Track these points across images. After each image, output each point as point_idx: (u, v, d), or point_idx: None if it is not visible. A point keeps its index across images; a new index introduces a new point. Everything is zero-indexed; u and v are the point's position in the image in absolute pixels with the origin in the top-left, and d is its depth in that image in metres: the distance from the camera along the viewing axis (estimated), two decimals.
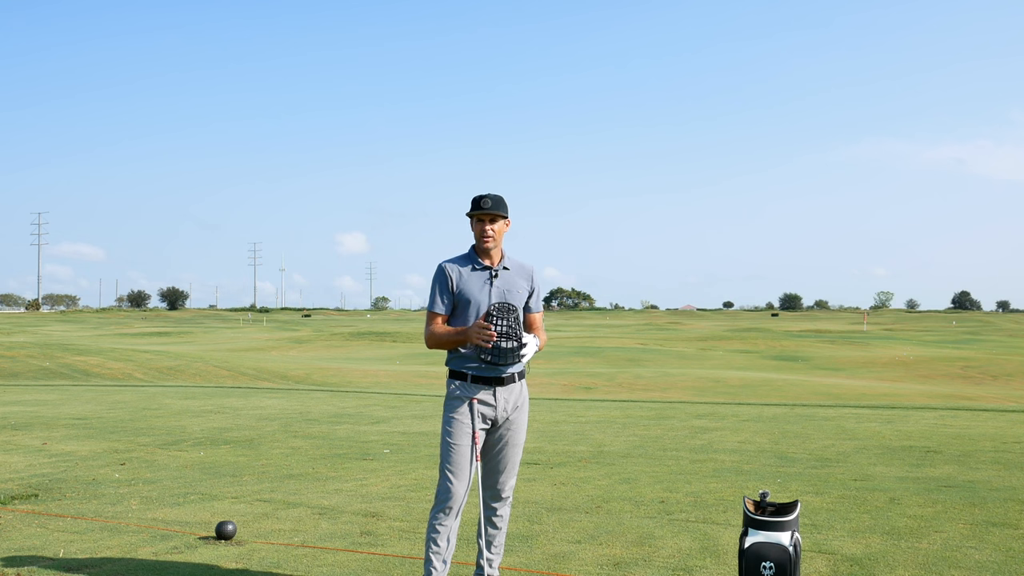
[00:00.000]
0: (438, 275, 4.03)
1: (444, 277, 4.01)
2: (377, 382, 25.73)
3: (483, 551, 4.06)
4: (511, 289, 4.04)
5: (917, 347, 51.03)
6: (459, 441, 3.90)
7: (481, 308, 3.98)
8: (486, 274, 4.01)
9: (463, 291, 3.98)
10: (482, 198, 3.99)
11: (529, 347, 3.92)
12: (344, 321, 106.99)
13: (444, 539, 3.91)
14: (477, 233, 4.02)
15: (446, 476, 3.91)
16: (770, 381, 27.23)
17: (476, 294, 3.98)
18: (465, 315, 3.99)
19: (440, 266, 4.05)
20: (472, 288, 3.98)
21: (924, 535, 5.07)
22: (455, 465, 3.90)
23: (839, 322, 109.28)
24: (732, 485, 6.66)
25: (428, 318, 4.06)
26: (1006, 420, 11.21)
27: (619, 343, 51.42)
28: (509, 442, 4.03)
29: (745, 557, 3.83)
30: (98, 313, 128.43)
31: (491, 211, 3.96)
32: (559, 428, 10.56)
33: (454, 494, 3.89)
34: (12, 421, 11.22)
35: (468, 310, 3.99)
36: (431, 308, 4.05)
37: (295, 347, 50.60)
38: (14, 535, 5.16)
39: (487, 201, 3.97)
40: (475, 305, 3.98)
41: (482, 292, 3.98)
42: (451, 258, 4.08)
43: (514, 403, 4.02)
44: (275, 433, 10.04)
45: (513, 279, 4.07)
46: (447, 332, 3.97)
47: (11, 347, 31.48)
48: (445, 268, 4.03)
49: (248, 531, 5.24)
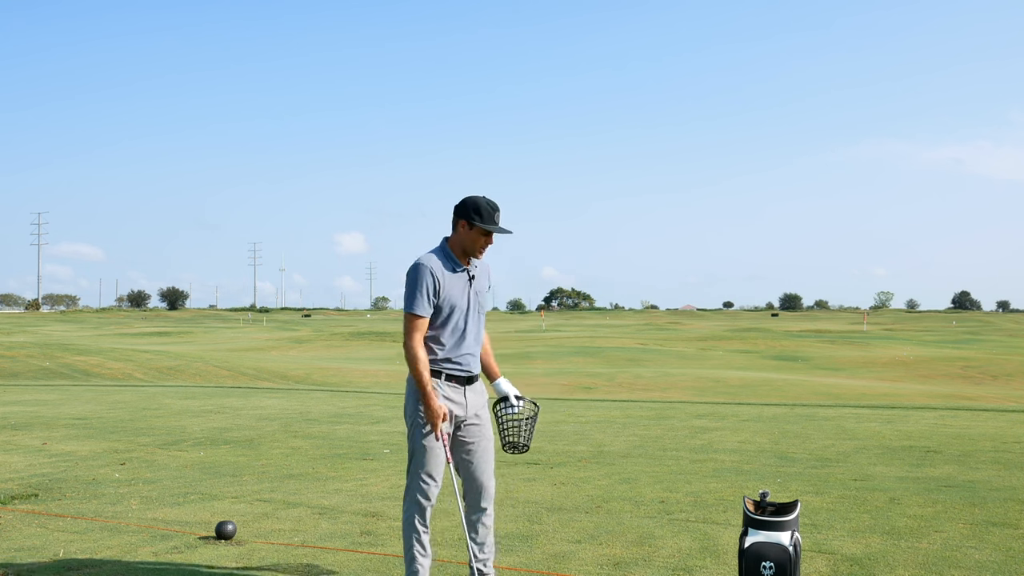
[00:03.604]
0: (422, 274, 3.79)
1: (431, 278, 3.80)
2: (377, 382, 25.72)
3: (476, 555, 4.00)
4: (481, 291, 4.00)
5: (917, 347, 51.01)
6: (435, 441, 3.85)
7: (459, 313, 3.89)
8: (465, 276, 3.92)
9: (447, 295, 3.85)
10: (495, 212, 3.86)
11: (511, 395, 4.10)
12: (344, 321, 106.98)
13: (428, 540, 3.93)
14: (473, 243, 3.89)
15: (422, 479, 3.85)
16: (770, 381, 27.23)
17: (458, 299, 3.88)
18: (446, 320, 3.88)
19: (423, 264, 3.81)
20: (455, 292, 3.87)
21: (924, 535, 5.07)
22: (432, 467, 3.86)
23: (839, 322, 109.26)
24: (732, 485, 6.65)
25: (411, 322, 3.81)
26: (1006, 420, 11.21)
27: (619, 343, 51.40)
28: (483, 437, 4.01)
29: (745, 557, 3.83)
30: (98, 313, 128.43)
31: (502, 232, 3.89)
32: (559, 428, 10.56)
33: (433, 496, 3.88)
34: (12, 421, 11.22)
35: (451, 315, 3.88)
36: (414, 310, 3.80)
37: (295, 347, 50.59)
38: (14, 535, 5.16)
39: (504, 230, 3.88)
40: (458, 311, 3.89)
41: (463, 297, 3.91)
42: (429, 253, 3.88)
43: (481, 402, 4.04)
44: (275, 433, 10.04)
45: (481, 280, 4.03)
46: (424, 373, 3.80)
47: (11, 347, 31.48)
48: (431, 268, 3.81)
49: (248, 531, 5.24)
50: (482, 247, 3.93)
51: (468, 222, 3.87)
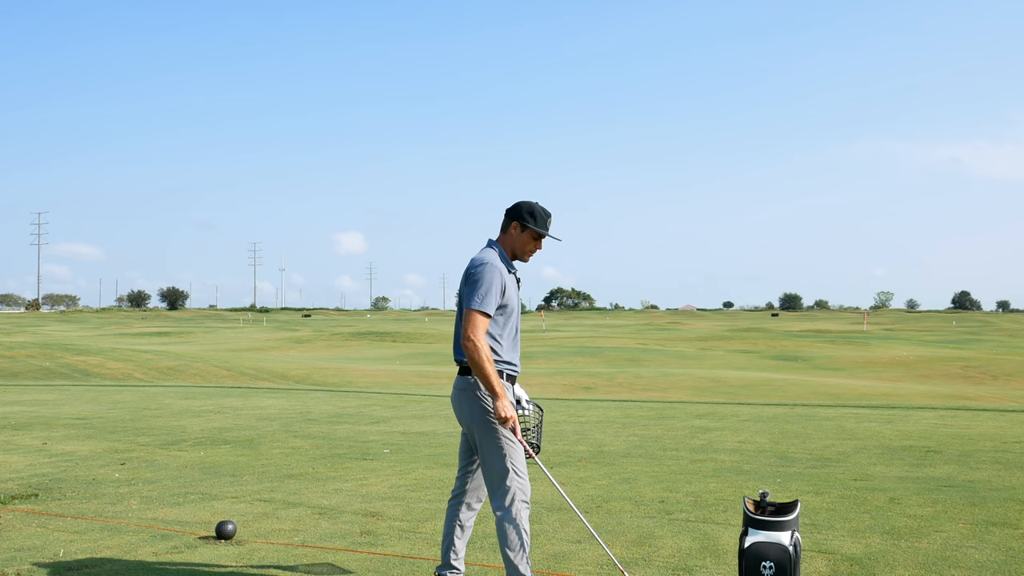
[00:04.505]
0: (495, 274, 3.78)
1: (500, 279, 3.80)
2: (377, 382, 25.72)
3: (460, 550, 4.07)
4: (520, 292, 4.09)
5: (917, 347, 51.00)
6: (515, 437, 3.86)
7: (516, 315, 3.93)
8: (514, 278, 3.96)
9: (508, 297, 3.87)
10: (549, 217, 3.92)
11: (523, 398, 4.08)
12: (344, 321, 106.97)
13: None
14: (524, 246, 3.94)
15: (520, 477, 3.84)
16: (770, 381, 27.23)
17: (514, 300, 3.92)
18: (506, 321, 3.89)
19: (493, 264, 3.81)
20: (512, 293, 3.90)
21: (924, 535, 5.07)
22: (523, 464, 3.87)
23: (839, 322, 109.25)
24: (732, 485, 6.66)
25: (480, 320, 3.73)
26: (1006, 420, 11.21)
27: (619, 343, 51.39)
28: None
29: (745, 557, 3.83)
30: (98, 313, 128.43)
31: (552, 238, 3.95)
32: (559, 428, 10.56)
33: (529, 493, 3.88)
34: (12, 421, 11.22)
35: (510, 317, 3.90)
36: (485, 308, 3.74)
37: (295, 347, 50.58)
38: (14, 535, 5.16)
39: (555, 236, 3.93)
40: (515, 313, 3.92)
41: (516, 299, 3.95)
42: (491, 252, 3.90)
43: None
44: (275, 433, 10.04)
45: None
46: (493, 370, 3.72)
47: (11, 347, 31.48)
48: (501, 270, 3.81)
49: (248, 531, 5.24)
50: (531, 251, 3.97)
51: (521, 224, 3.91)
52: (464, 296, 3.83)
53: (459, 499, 4.08)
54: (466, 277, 3.85)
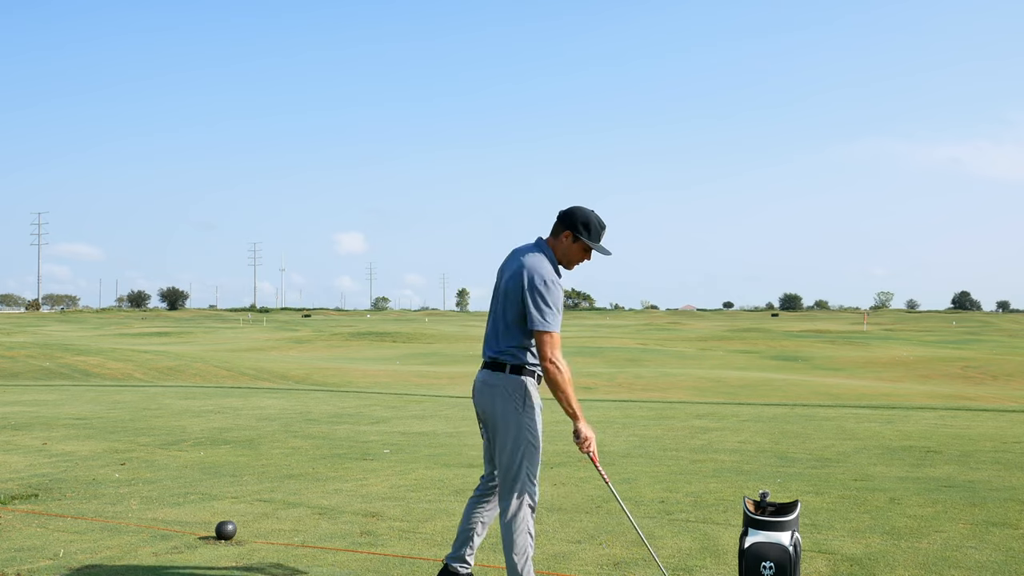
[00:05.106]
0: (560, 292, 3.74)
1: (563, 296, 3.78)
2: (377, 382, 25.72)
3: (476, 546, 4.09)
4: None
5: (917, 347, 51.00)
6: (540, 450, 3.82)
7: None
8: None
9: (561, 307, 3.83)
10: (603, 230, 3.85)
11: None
12: (344, 321, 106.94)
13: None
14: (572, 256, 3.88)
15: (533, 484, 3.82)
16: (770, 381, 27.23)
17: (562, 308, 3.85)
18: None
19: (557, 281, 3.75)
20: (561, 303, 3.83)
21: (924, 535, 5.07)
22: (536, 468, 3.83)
23: (839, 322, 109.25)
24: (732, 485, 6.65)
25: (556, 340, 3.67)
26: (1006, 420, 11.21)
27: (619, 343, 51.40)
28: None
29: (745, 557, 3.82)
30: (98, 313, 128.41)
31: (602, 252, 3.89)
32: (559, 428, 10.55)
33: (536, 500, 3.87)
34: (12, 421, 11.22)
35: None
36: (557, 328, 3.68)
37: (295, 347, 50.57)
38: (14, 535, 5.16)
39: (606, 250, 3.88)
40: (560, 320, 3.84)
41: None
42: (544, 260, 3.79)
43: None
44: (275, 433, 10.04)
45: None
46: (574, 393, 3.71)
47: (11, 347, 31.48)
48: (560, 285, 3.76)
49: (248, 531, 5.24)
50: (578, 262, 3.92)
51: (575, 234, 3.85)
52: (531, 307, 3.68)
53: (483, 497, 4.08)
54: (531, 285, 3.69)
